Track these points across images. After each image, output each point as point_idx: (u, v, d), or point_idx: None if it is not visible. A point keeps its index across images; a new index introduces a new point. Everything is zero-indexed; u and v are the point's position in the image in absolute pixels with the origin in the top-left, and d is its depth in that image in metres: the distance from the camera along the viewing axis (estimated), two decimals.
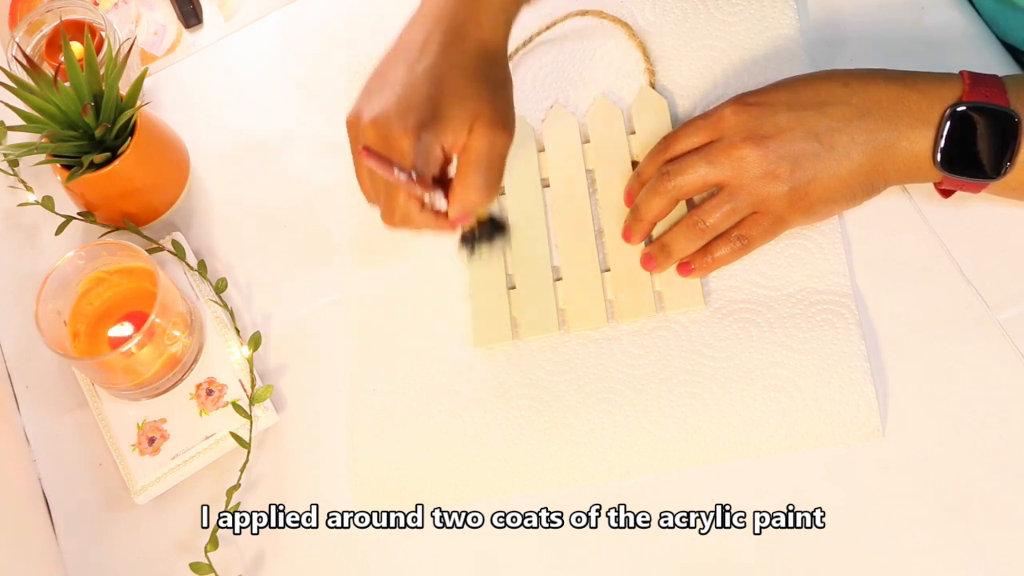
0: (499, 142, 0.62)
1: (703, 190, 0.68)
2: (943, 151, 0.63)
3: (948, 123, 0.62)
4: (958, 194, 0.66)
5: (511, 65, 0.80)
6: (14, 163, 0.84)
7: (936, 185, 0.66)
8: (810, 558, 0.64)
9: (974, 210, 0.70)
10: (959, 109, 0.62)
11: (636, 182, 0.72)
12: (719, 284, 0.71)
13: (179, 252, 0.79)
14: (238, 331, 0.77)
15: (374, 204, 0.65)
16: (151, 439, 0.74)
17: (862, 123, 0.64)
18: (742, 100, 0.67)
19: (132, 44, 0.82)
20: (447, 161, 0.63)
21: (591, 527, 0.68)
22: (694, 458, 0.67)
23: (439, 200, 0.62)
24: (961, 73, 0.64)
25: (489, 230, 0.67)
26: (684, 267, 0.70)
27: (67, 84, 0.75)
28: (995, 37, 0.75)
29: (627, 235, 0.72)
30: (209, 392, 0.75)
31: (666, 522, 0.67)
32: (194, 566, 0.69)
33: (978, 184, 0.63)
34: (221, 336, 0.76)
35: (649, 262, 0.71)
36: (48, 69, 0.84)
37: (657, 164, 0.70)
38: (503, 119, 0.63)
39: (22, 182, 0.83)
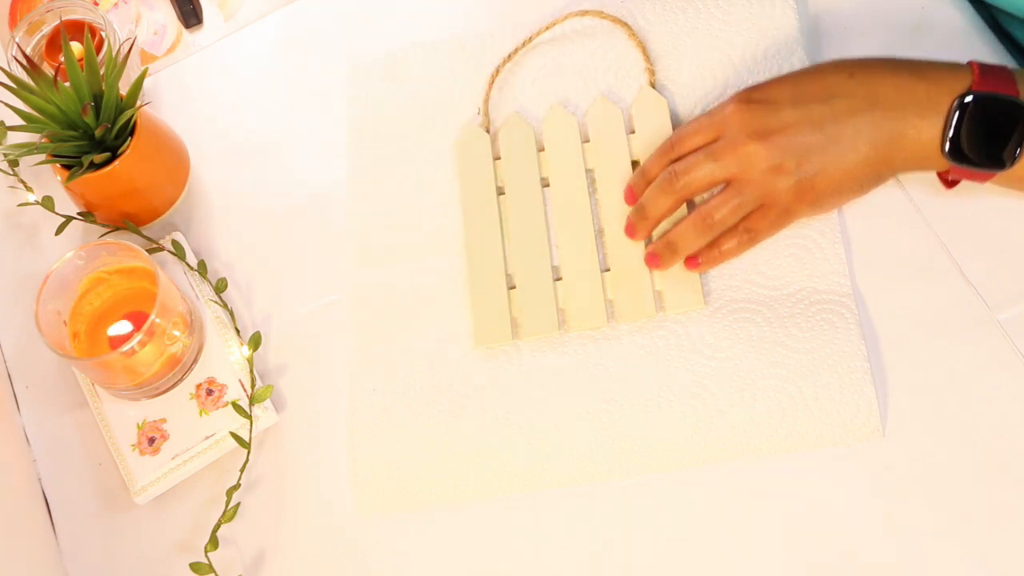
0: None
1: (710, 187, 0.68)
2: (951, 141, 0.62)
3: (957, 113, 0.62)
4: (959, 189, 0.66)
5: (510, 65, 0.81)
6: (14, 163, 0.84)
7: (941, 175, 0.66)
8: (810, 558, 0.64)
9: (974, 209, 0.70)
10: (967, 99, 0.62)
11: (641, 181, 0.72)
12: (719, 284, 0.71)
13: (179, 252, 0.79)
14: (238, 331, 0.77)
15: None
16: (151, 439, 0.74)
17: (868, 115, 0.64)
18: (746, 97, 0.67)
19: (132, 44, 0.82)
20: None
21: (590, 526, 0.68)
22: (694, 458, 0.67)
23: None
24: (970, 63, 0.63)
25: None
26: (691, 261, 0.70)
27: (67, 84, 0.75)
28: (995, 36, 0.75)
29: (631, 232, 0.72)
30: (209, 392, 0.75)
31: (666, 522, 0.67)
32: (194, 566, 0.69)
33: (985, 174, 0.63)
34: (221, 336, 0.76)
35: (654, 260, 0.70)
36: (48, 69, 0.84)
37: (663, 163, 0.70)
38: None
39: (22, 182, 0.83)
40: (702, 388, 0.68)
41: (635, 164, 0.75)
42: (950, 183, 0.66)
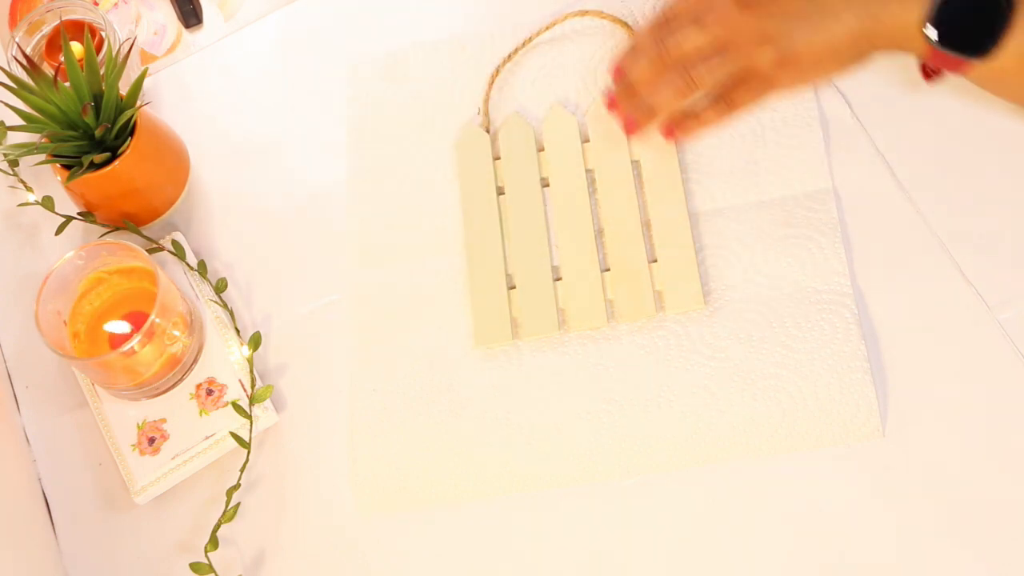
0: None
1: (695, 54, 0.68)
2: (933, 22, 0.61)
3: None
4: (959, 188, 0.65)
5: (510, 65, 0.80)
6: (14, 163, 0.84)
7: (922, 66, 0.65)
8: (810, 558, 0.64)
9: (974, 210, 0.70)
10: None
11: (629, 55, 0.71)
12: (719, 284, 0.71)
13: (179, 252, 0.79)
14: (238, 331, 0.77)
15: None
16: (151, 439, 0.74)
17: None
18: None
19: (132, 44, 0.82)
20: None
21: (590, 526, 0.68)
22: (694, 458, 0.67)
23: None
24: None
25: None
26: (668, 130, 0.70)
27: (67, 84, 0.75)
28: None
29: (611, 102, 0.72)
30: (209, 392, 0.75)
31: (666, 522, 0.67)
32: (194, 566, 0.70)
33: (964, 61, 0.62)
34: (221, 336, 0.76)
35: (631, 126, 0.71)
36: (48, 69, 0.84)
37: (653, 35, 0.69)
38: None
39: (22, 182, 0.83)
40: (702, 388, 0.68)
41: (635, 164, 0.75)
42: (930, 74, 0.65)
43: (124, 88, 0.78)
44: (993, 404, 0.65)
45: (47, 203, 0.81)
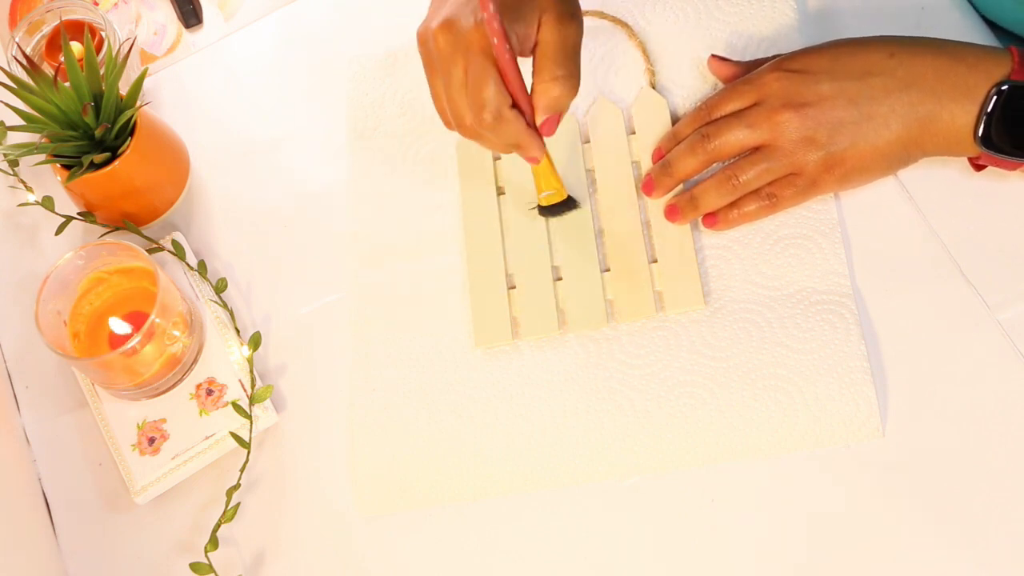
0: (570, 32, 0.62)
1: (740, 153, 0.69)
2: (985, 127, 0.62)
3: (993, 99, 0.62)
4: (961, 191, 0.66)
5: None
6: (14, 163, 0.84)
7: (971, 159, 0.66)
8: (810, 558, 0.64)
9: (974, 209, 0.70)
10: (1004, 87, 0.62)
11: (671, 141, 0.72)
12: (719, 284, 0.71)
13: (179, 252, 0.79)
14: (238, 331, 0.77)
15: (451, 125, 0.65)
16: (151, 439, 0.74)
17: (904, 95, 0.64)
18: (784, 66, 0.67)
19: (132, 44, 0.82)
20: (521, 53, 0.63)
21: (589, 527, 0.68)
22: (694, 458, 0.67)
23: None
24: (1010, 49, 0.63)
25: (567, 204, 0.71)
26: (709, 218, 0.71)
27: (67, 84, 0.75)
28: (995, 38, 0.75)
29: (649, 187, 0.72)
30: (209, 392, 0.75)
31: (666, 522, 0.67)
32: (194, 566, 0.70)
33: (1015, 163, 0.64)
34: (221, 336, 0.76)
35: (674, 213, 0.71)
36: (48, 69, 0.84)
37: (696, 126, 0.70)
38: (569, 10, 0.62)
39: (22, 182, 0.83)
40: (702, 388, 0.68)
41: (635, 164, 0.75)
42: (978, 166, 0.67)
43: (124, 88, 0.78)
44: (993, 404, 0.65)
45: (47, 203, 0.81)
